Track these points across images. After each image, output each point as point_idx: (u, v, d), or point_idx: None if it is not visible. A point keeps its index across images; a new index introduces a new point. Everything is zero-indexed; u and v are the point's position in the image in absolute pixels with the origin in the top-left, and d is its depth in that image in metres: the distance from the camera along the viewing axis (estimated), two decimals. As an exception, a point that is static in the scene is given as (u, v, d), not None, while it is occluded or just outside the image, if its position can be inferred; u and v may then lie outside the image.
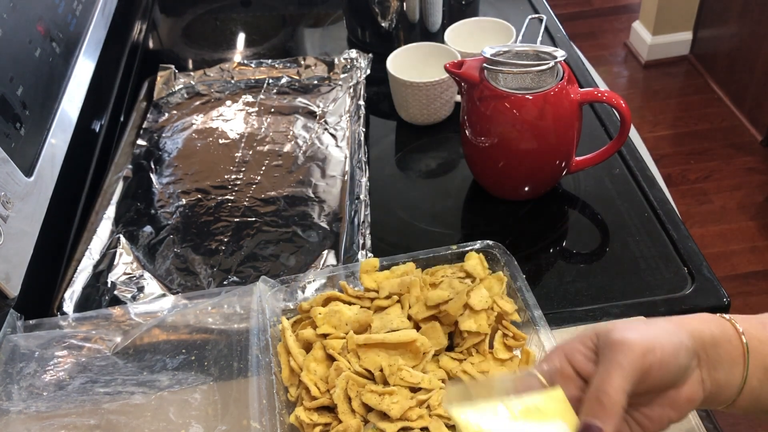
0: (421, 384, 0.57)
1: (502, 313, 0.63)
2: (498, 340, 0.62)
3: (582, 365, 0.45)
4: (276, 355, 0.63)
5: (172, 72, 1.09)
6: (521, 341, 0.62)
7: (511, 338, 0.62)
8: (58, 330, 0.70)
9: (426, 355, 0.60)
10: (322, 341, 0.61)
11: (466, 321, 0.60)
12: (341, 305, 0.64)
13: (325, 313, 0.63)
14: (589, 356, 0.45)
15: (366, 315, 0.63)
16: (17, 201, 0.69)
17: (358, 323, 0.62)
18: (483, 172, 0.87)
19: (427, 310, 0.61)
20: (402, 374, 0.57)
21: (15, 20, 0.76)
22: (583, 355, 0.46)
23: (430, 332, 0.61)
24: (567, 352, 0.46)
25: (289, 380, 0.61)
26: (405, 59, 0.98)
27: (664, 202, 0.84)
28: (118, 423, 0.63)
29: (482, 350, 0.61)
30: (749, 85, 2.38)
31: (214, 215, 0.87)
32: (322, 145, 0.96)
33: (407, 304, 0.63)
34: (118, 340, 0.69)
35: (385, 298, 0.64)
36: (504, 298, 0.64)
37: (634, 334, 0.43)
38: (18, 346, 0.68)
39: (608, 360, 0.43)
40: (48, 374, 0.67)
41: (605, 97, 0.77)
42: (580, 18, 3.10)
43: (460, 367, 0.60)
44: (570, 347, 0.46)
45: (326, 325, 0.62)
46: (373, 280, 0.66)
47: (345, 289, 0.66)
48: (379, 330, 0.61)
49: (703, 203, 2.18)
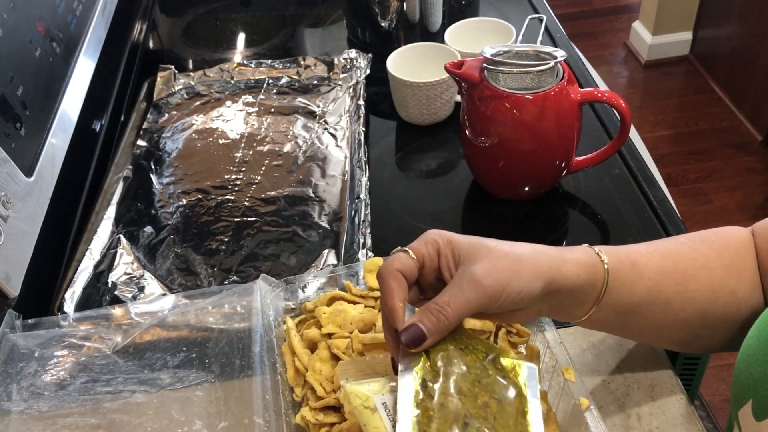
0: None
1: None
2: (502, 338, 0.62)
3: (444, 268, 0.50)
4: (281, 355, 0.63)
5: (172, 72, 1.09)
6: (525, 337, 0.62)
7: (515, 335, 0.62)
8: (58, 329, 0.70)
9: None
10: (327, 341, 0.61)
11: (471, 319, 0.60)
12: (346, 305, 0.64)
13: (329, 313, 0.63)
14: (451, 263, 0.50)
15: (371, 314, 0.63)
16: (17, 201, 0.69)
17: (362, 322, 0.62)
18: (483, 172, 0.87)
19: None
20: None
21: (15, 20, 0.76)
22: (448, 261, 0.50)
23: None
24: (440, 251, 0.50)
25: (295, 380, 0.61)
26: (405, 59, 0.98)
27: (664, 202, 0.84)
28: (120, 422, 0.63)
29: None
30: (749, 85, 2.38)
31: (215, 215, 0.87)
32: (322, 145, 0.96)
33: None
34: (118, 339, 0.69)
35: None
36: None
37: (490, 281, 0.47)
38: (17, 345, 0.68)
39: (460, 288, 0.48)
40: (48, 374, 0.67)
41: (605, 97, 0.77)
42: (580, 18, 3.10)
43: None
44: (444, 244, 0.50)
45: (331, 325, 0.62)
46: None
47: (349, 288, 0.66)
48: None
49: (703, 203, 2.18)
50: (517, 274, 0.48)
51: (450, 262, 0.50)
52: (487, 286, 0.47)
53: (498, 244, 0.50)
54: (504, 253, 0.49)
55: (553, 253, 0.52)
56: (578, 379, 0.57)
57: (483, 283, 0.47)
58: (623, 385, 0.66)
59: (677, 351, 0.62)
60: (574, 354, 0.69)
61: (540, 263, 0.50)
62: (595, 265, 0.52)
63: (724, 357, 1.72)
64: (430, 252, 0.50)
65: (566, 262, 0.51)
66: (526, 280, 0.49)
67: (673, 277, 0.55)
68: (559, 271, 0.50)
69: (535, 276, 0.49)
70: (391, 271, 0.49)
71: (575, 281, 0.51)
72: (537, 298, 0.50)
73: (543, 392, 0.58)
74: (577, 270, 0.51)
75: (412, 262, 0.50)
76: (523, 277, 0.48)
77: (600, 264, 0.53)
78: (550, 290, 0.50)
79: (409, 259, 0.50)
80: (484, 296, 0.47)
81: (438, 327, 0.47)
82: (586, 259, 0.52)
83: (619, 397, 0.65)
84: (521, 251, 0.50)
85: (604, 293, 0.53)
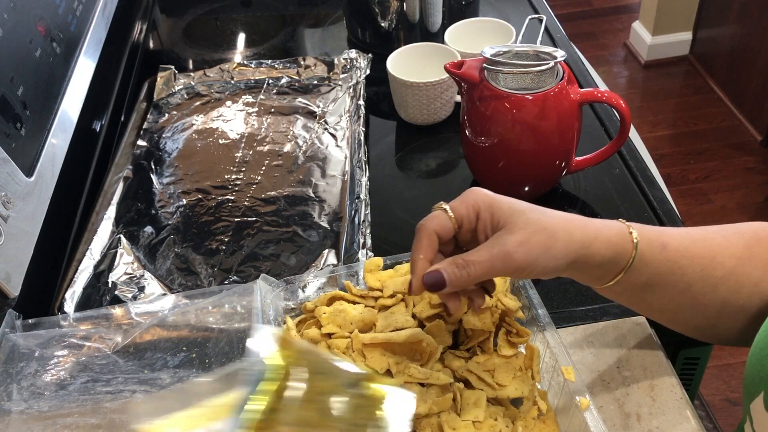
0: (430, 380, 0.57)
1: (505, 311, 0.62)
2: (501, 337, 0.62)
3: (480, 230, 0.52)
4: None
5: (172, 72, 1.09)
6: (525, 337, 0.62)
7: (514, 335, 0.62)
8: (58, 329, 0.70)
9: (433, 355, 0.59)
10: (327, 341, 0.61)
11: (471, 319, 0.60)
12: (346, 304, 0.64)
13: (329, 313, 0.63)
14: (489, 226, 0.52)
15: (371, 314, 0.62)
16: (18, 201, 0.69)
17: (362, 322, 0.62)
18: (483, 172, 0.87)
19: (431, 308, 0.61)
20: (410, 371, 0.57)
21: (15, 20, 0.76)
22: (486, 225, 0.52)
23: (435, 331, 0.61)
24: (480, 215, 0.52)
25: None
26: (405, 59, 0.99)
27: (664, 202, 0.84)
28: (120, 421, 0.63)
29: (487, 348, 0.61)
30: (749, 85, 2.38)
31: (215, 215, 0.87)
32: (322, 145, 0.96)
33: (411, 302, 0.63)
34: (118, 339, 0.69)
35: (389, 297, 0.64)
36: (507, 295, 0.64)
37: (520, 254, 0.50)
38: (17, 345, 0.68)
39: (489, 253, 0.50)
40: (49, 374, 0.67)
41: (605, 97, 0.77)
42: (580, 18, 3.10)
43: (465, 366, 0.60)
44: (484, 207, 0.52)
45: (331, 325, 0.62)
46: (377, 279, 0.66)
47: (349, 288, 0.66)
48: (384, 329, 0.61)
49: (703, 203, 2.18)
50: (548, 250, 0.51)
51: (488, 227, 0.52)
52: (515, 259, 0.50)
53: (538, 215, 0.52)
54: (541, 227, 0.51)
55: (588, 229, 0.53)
56: (578, 378, 0.57)
57: (512, 255, 0.50)
58: (623, 385, 0.66)
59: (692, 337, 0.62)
60: (574, 354, 0.69)
61: (572, 241, 0.52)
62: (625, 245, 0.54)
63: (724, 357, 1.72)
64: (470, 214, 0.52)
65: (598, 240, 0.53)
66: (555, 256, 0.51)
67: (699, 262, 0.56)
68: (588, 249, 0.52)
69: (565, 254, 0.51)
70: (427, 229, 0.52)
71: (600, 259, 0.53)
72: (561, 271, 0.53)
73: (542, 392, 0.59)
74: (605, 249, 0.53)
75: (449, 224, 0.52)
76: (552, 254, 0.51)
77: (630, 243, 0.54)
78: (575, 265, 0.53)
79: (447, 220, 0.52)
80: (509, 267, 0.50)
81: (458, 280, 0.50)
82: (617, 238, 0.54)
83: (619, 397, 0.65)
84: (557, 226, 0.52)
85: (626, 270, 0.54)
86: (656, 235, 0.56)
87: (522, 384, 0.59)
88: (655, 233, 0.56)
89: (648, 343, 0.69)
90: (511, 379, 0.59)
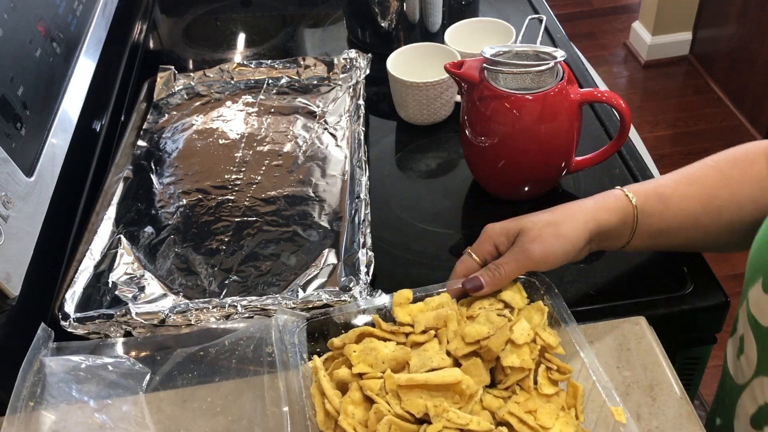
0: (470, 426, 0.53)
1: (545, 346, 0.59)
2: (542, 375, 0.58)
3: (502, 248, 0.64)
4: (309, 397, 0.58)
5: (171, 73, 1.09)
6: (567, 374, 0.58)
7: (555, 371, 0.58)
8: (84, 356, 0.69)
9: (473, 397, 0.56)
10: (359, 382, 0.57)
11: (509, 356, 0.57)
12: (376, 342, 0.60)
13: (360, 351, 0.59)
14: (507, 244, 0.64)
15: (404, 352, 0.58)
16: (18, 201, 0.69)
17: (395, 361, 0.58)
18: (483, 172, 0.87)
19: (466, 346, 0.58)
20: (449, 415, 0.53)
21: (15, 20, 0.76)
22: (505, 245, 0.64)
23: (471, 369, 0.57)
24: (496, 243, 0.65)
25: (325, 424, 0.57)
26: (405, 59, 0.99)
27: (664, 201, 0.84)
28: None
29: (527, 386, 0.57)
30: (749, 85, 2.38)
31: (215, 215, 0.87)
32: (322, 145, 0.96)
33: (445, 339, 0.60)
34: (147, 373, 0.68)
35: (421, 333, 0.60)
36: (546, 329, 0.60)
37: (536, 248, 0.61)
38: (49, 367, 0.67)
39: (513, 254, 0.62)
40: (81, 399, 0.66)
41: (605, 97, 0.77)
42: (580, 18, 3.10)
43: (505, 407, 0.56)
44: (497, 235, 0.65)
45: (362, 364, 0.58)
46: (407, 313, 0.62)
47: (378, 324, 0.62)
48: (419, 368, 0.57)
49: (703, 203, 2.18)
50: (558, 237, 0.61)
51: (506, 245, 0.64)
52: (534, 252, 0.61)
53: (541, 215, 0.64)
54: (546, 222, 0.62)
55: (588, 206, 0.64)
56: (629, 419, 0.55)
57: (531, 251, 0.61)
58: (623, 385, 0.66)
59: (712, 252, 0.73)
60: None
61: (576, 221, 0.62)
62: (625, 207, 0.64)
63: (723, 358, 1.72)
64: (489, 249, 0.65)
65: (599, 211, 0.63)
66: (567, 240, 0.61)
67: (699, 199, 0.65)
68: (595, 221, 0.63)
69: (575, 235, 0.62)
70: (457, 274, 0.65)
71: (609, 225, 0.64)
72: (583, 247, 0.63)
73: None
74: (609, 216, 0.64)
75: (475, 265, 0.65)
76: (564, 239, 0.61)
77: (630, 204, 0.64)
78: (591, 237, 0.63)
79: (472, 262, 0.65)
80: (530, 261, 0.61)
81: (493, 280, 0.62)
82: (616, 204, 0.64)
83: (619, 397, 0.65)
84: (559, 216, 0.63)
85: (636, 227, 0.64)
86: (652, 188, 0.66)
87: (566, 426, 0.55)
88: (651, 187, 0.66)
89: (648, 343, 0.69)
90: (554, 420, 0.55)
